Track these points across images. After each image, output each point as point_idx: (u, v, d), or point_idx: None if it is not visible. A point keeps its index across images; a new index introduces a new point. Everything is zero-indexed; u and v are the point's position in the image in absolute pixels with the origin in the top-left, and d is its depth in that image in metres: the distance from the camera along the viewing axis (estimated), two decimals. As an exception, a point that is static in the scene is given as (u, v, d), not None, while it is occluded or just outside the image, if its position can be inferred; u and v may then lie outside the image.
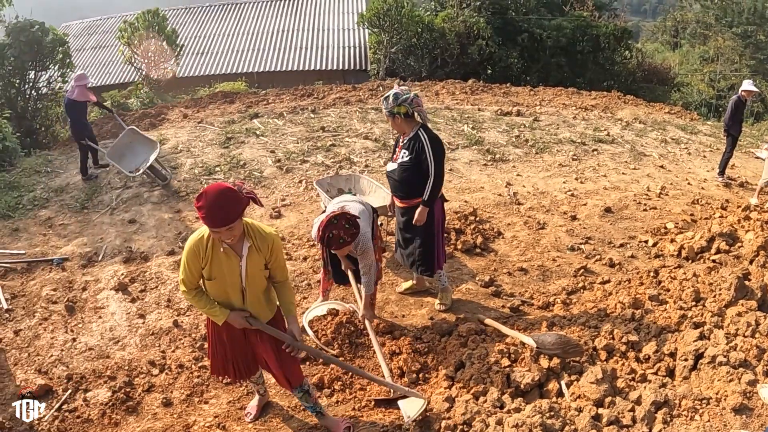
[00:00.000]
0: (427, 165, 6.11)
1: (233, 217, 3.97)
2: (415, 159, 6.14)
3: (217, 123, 14.90)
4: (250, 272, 4.34)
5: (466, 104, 17.21)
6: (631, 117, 16.97)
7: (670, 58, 34.49)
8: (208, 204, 3.90)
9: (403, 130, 6.23)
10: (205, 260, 4.25)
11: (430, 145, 6.10)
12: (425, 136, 6.13)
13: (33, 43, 16.50)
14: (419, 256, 6.54)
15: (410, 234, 6.53)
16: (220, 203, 3.92)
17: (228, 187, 4.00)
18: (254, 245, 4.28)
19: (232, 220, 3.97)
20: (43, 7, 24.24)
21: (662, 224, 9.09)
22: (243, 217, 4.13)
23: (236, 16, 31.85)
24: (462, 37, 25.63)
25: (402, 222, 6.60)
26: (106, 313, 7.25)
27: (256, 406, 5.42)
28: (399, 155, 6.30)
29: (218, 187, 3.98)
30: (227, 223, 3.95)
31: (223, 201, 3.94)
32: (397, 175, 6.35)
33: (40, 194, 10.91)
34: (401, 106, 5.99)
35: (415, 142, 6.15)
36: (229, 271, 4.30)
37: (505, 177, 11.26)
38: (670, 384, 4.78)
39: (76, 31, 32.44)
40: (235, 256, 4.27)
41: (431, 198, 6.21)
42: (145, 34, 21.72)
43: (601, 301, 6.68)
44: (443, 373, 5.51)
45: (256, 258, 4.32)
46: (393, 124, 6.22)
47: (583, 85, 23.78)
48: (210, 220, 3.94)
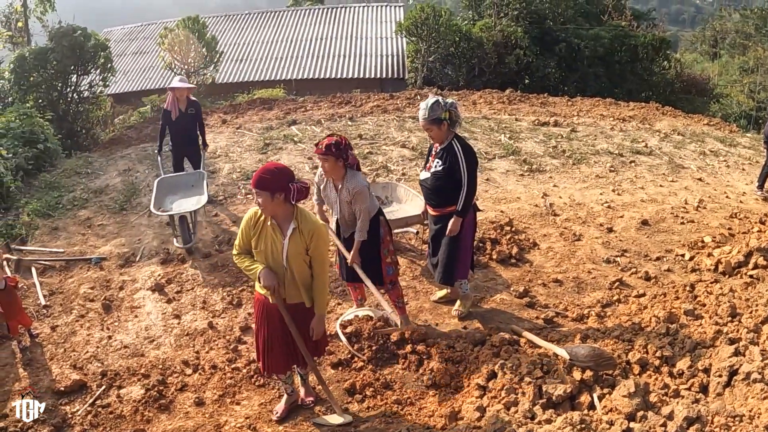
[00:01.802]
0: (460, 175, 6.19)
1: (268, 186, 4.46)
2: (448, 169, 6.24)
3: (256, 129, 15.08)
4: (291, 253, 4.67)
5: (504, 114, 17.21)
6: (669, 128, 16.84)
7: (709, 69, 34.12)
8: (264, 167, 4.53)
9: (441, 139, 6.29)
10: (255, 231, 4.71)
11: (464, 155, 6.19)
12: (459, 147, 6.23)
13: (75, 47, 16.87)
14: (442, 265, 6.61)
15: (439, 242, 6.60)
16: (270, 171, 4.49)
17: (285, 167, 4.63)
18: (298, 228, 4.65)
19: (266, 188, 4.46)
20: (85, 13, 24.71)
21: (699, 238, 9.04)
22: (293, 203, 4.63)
23: (275, 23, 32.09)
24: (499, 47, 25.63)
25: (434, 230, 6.68)
26: (142, 313, 7.42)
27: (284, 407, 5.57)
28: (432, 164, 6.40)
29: (279, 164, 4.62)
30: (261, 187, 4.46)
31: (273, 171, 4.50)
32: (429, 184, 6.45)
33: (80, 195, 11.13)
34: (447, 111, 6.10)
35: (449, 152, 6.24)
36: (273, 247, 4.70)
37: (542, 188, 11.27)
38: (703, 400, 4.77)
39: (118, 36, 32.93)
40: (280, 234, 4.66)
41: (465, 208, 6.29)
42: (185, 40, 22.00)
43: (636, 314, 6.68)
44: (475, 382, 5.54)
45: (297, 240, 4.66)
46: (434, 132, 6.24)
47: (620, 96, 23.60)
48: (254, 178, 4.48)
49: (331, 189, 6.17)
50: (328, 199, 6.31)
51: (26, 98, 16.72)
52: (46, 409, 5.69)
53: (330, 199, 6.27)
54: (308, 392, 5.66)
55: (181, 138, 10.23)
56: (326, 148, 5.73)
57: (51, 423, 5.52)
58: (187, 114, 10.10)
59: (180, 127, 10.10)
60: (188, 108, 10.08)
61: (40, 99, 17.06)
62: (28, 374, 6.29)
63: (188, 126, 10.17)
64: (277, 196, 4.46)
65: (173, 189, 9.34)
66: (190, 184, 9.51)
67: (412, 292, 7.55)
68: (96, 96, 19.06)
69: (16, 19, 23.00)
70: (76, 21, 18.52)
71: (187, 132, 10.21)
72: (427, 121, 6.15)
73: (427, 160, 6.56)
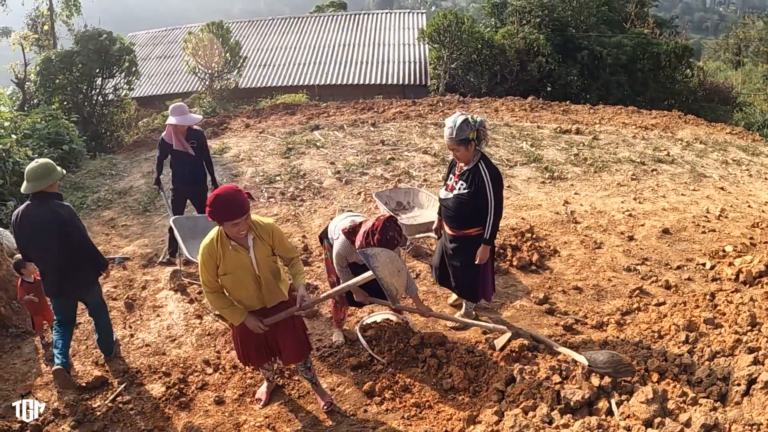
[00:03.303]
0: (485, 200, 5.97)
1: (245, 208, 4.53)
2: (473, 193, 6.00)
3: (279, 133, 15.22)
4: (259, 260, 4.82)
5: (526, 121, 17.23)
6: (691, 137, 16.77)
7: (732, 77, 33.86)
8: (226, 200, 4.48)
9: (468, 160, 6.03)
10: (218, 259, 4.73)
11: (491, 180, 5.94)
12: (486, 171, 5.97)
13: (101, 51, 17.14)
14: (465, 286, 6.60)
15: (459, 263, 6.47)
16: (234, 194, 4.51)
17: (234, 186, 4.63)
18: (257, 236, 4.80)
19: (245, 211, 4.52)
20: (111, 17, 24.97)
21: (721, 247, 9.00)
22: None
23: (298, 29, 32.27)
24: (522, 54, 25.61)
25: (450, 249, 6.50)
26: (164, 312, 7.52)
27: (265, 392, 5.82)
28: (456, 185, 6.16)
29: (230, 187, 4.60)
30: (242, 213, 4.50)
31: (236, 193, 4.51)
32: (451, 205, 6.21)
33: (104, 196, 11.31)
34: (476, 130, 5.82)
35: (475, 175, 5.99)
36: (241, 263, 4.78)
37: (563, 195, 11.28)
38: (721, 408, 4.77)
39: (143, 41, 33.30)
40: (243, 250, 4.76)
41: (492, 236, 6.11)
42: (209, 45, 22.19)
43: (656, 322, 6.67)
44: (494, 386, 5.56)
45: (261, 247, 4.82)
46: (460, 152, 5.96)
47: (643, 104, 23.50)
48: (231, 212, 4.47)
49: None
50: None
51: (52, 100, 16.99)
52: (67, 403, 5.80)
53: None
54: (323, 395, 5.67)
55: (183, 175, 8.64)
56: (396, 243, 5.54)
57: (72, 418, 5.63)
58: (191, 146, 8.52)
59: (181, 164, 8.53)
60: (189, 140, 8.46)
61: (65, 101, 17.33)
62: (50, 370, 6.39)
63: (191, 161, 8.54)
64: (248, 214, 4.61)
65: (193, 233, 8.05)
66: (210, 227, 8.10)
67: (432, 297, 7.59)
68: (120, 99, 19.33)
69: (43, 22, 23.31)
70: (101, 25, 18.81)
71: (190, 168, 8.59)
72: (455, 141, 5.85)
73: (449, 177, 6.34)
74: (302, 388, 5.90)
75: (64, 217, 5.74)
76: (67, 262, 5.87)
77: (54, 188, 5.87)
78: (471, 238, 6.25)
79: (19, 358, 6.62)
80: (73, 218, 5.84)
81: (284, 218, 9.93)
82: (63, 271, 5.90)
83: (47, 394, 6.02)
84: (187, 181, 8.62)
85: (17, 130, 12.97)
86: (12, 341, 6.91)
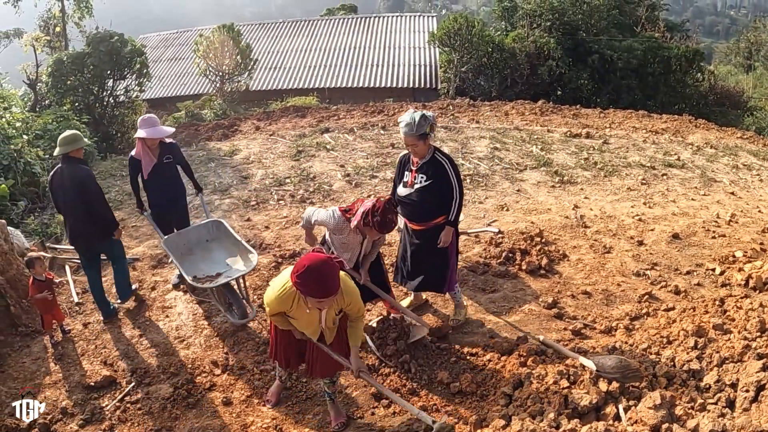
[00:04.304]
0: (449, 187, 6.20)
1: (338, 286, 4.32)
2: (435, 182, 6.19)
3: (289, 136, 15.23)
4: (328, 317, 4.76)
5: (536, 125, 17.20)
6: (702, 141, 16.72)
7: (743, 82, 33.70)
8: (321, 276, 4.20)
9: (424, 154, 6.20)
10: (288, 309, 4.65)
11: (450, 165, 6.20)
12: (443, 158, 6.21)
13: (112, 53, 17.20)
14: (437, 275, 6.62)
15: (429, 254, 6.52)
16: (329, 274, 4.23)
17: (327, 258, 4.31)
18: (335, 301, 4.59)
19: (338, 290, 4.30)
20: (122, 19, 25.08)
21: (731, 252, 8.95)
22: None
23: (309, 32, 32.33)
24: (532, 58, 25.61)
25: (416, 244, 6.58)
26: (173, 313, 7.53)
27: (275, 392, 5.83)
28: (415, 180, 6.27)
29: (320, 259, 4.26)
30: (336, 293, 4.30)
31: (331, 271, 4.25)
32: (415, 198, 6.31)
33: (115, 197, 11.35)
34: (431, 125, 6.02)
35: (434, 166, 6.19)
36: (310, 319, 4.75)
37: (573, 199, 11.24)
38: (729, 415, 4.75)
39: (154, 43, 33.44)
40: (317, 311, 4.66)
41: (456, 217, 6.31)
42: (220, 47, 22.25)
43: (665, 328, 6.64)
44: (501, 390, 5.56)
45: (333, 308, 4.70)
46: (419, 147, 6.11)
47: (653, 108, 23.37)
48: (322, 291, 4.23)
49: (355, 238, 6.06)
50: (345, 245, 6.12)
51: (63, 101, 17.07)
52: (76, 402, 5.86)
53: (348, 245, 6.12)
54: (338, 414, 5.53)
55: (160, 195, 7.76)
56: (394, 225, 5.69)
57: (80, 417, 5.68)
58: (164, 164, 7.60)
59: (156, 182, 7.63)
60: (163, 156, 7.58)
61: (76, 102, 17.42)
62: (59, 368, 6.44)
63: (168, 178, 7.71)
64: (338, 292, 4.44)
65: (187, 249, 7.54)
66: (204, 239, 7.70)
67: (440, 300, 7.58)
68: (131, 100, 19.39)
69: (55, 24, 23.43)
70: (113, 27, 18.89)
71: (166, 187, 7.74)
72: (415, 137, 6.01)
73: (403, 175, 6.44)
74: (310, 390, 5.92)
75: (81, 177, 6.76)
76: (80, 217, 6.86)
77: (79, 154, 6.95)
78: (439, 227, 6.36)
79: (28, 356, 6.65)
80: (88, 179, 6.82)
81: (293, 220, 9.93)
82: (76, 224, 6.94)
83: (55, 393, 6.06)
84: (163, 201, 7.78)
85: (29, 130, 13.06)
86: (21, 340, 6.94)
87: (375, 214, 5.49)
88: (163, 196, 7.74)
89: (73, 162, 6.81)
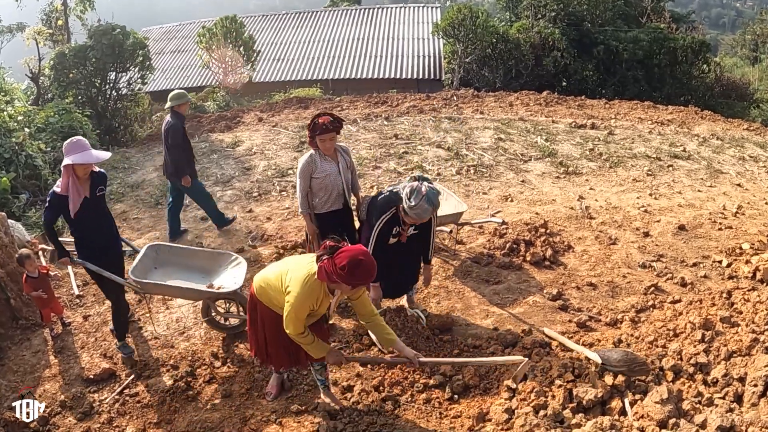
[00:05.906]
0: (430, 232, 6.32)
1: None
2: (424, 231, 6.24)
3: (291, 127, 15.19)
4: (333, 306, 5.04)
5: (540, 116, 17.10)
6: (708, 133, 16.59)
7: (749, 73, 33.56)
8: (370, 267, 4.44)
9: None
10: (318, 302, 4.68)
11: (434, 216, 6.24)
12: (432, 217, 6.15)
13: (114, 45, 17.18)
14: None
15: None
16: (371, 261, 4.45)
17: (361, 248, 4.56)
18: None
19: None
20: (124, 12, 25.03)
21: (737, 244, 8.86)
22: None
23: (312, 23, 32.29)
24: (537, 49, 25.54)
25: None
26: (173, 305, 7.50)
27: (275, 384, 5.79)
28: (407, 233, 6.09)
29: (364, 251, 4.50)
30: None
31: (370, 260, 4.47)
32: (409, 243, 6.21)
33: (117, 189, 11.31)
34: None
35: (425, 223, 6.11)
36: (323, 308, 4.88)
37: (578, 190, 11.16)
38: (738, 410, 4.68)
39: (156, 35, 33.45)
40: (330, 297, 4.80)
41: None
42: (223, 39, 22.21)
43: (671, 320, 6.56)
44: (505, 383, 5.51)
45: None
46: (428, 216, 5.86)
47: (659, 100, 23.24)
48: (369, 278, 4.54)
49: (330, 165, 6.31)
50: (329, 178, 6.30)
51: (66, 94, 17.05)
52: (75, 395, 5.83)
53: (331, 177, 6.29)
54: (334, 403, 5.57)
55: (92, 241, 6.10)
56: (336, 122, 6.04)
57: (78, 410, 5.65)
58: (96, 198, 6.00)
59: (88, 222, 5.98)
60: (95, 188, 5.96)
61: (79, 95, 17.40)
62: (59, 361, 6.42)
63: (102, 216, 6.18)
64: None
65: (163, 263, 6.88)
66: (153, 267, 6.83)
67: (444, 291, 7.54)
68: (134, 93, 19.38)
69: (57, 17, 23.46)
70: (115, 20, 18.85)
71: (100, 227, 6.17)
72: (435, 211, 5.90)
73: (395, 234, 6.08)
74: (311, 382, 5.86)
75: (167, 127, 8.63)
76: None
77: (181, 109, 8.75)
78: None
79: (28, 349, 6.64)
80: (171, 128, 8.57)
81: (296, 211, 9.87)
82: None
83: (55, 386, 6.05)
84: (98, 248, 6.14)
85: (31, 124, 13.02)
86: (22, 333, 6.93)
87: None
88: (96, 241, 6.13)
89: (173, 114, 8.70)
